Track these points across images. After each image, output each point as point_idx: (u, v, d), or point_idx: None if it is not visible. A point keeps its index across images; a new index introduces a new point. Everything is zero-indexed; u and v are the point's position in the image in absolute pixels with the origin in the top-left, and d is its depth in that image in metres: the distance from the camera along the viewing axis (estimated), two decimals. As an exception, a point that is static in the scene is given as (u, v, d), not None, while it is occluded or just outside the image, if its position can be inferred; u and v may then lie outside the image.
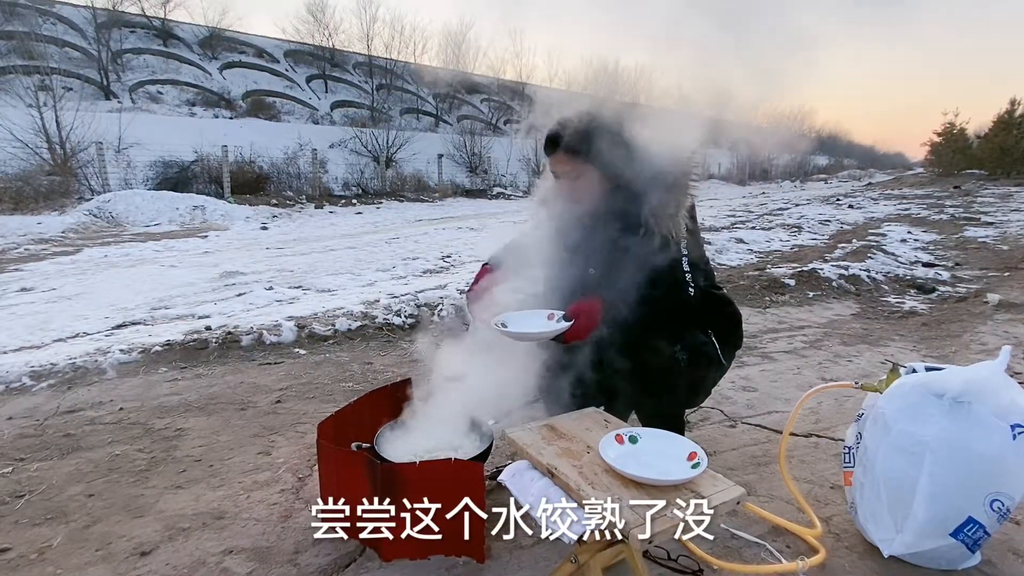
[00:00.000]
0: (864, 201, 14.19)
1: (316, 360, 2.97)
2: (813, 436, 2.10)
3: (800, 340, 3.30)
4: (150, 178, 12.55)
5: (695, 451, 1.20)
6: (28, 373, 2.66)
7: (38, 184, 10.47)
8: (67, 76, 16.54)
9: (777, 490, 1.71)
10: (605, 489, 1.12)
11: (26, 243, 7.30)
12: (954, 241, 7.07)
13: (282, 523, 1.58)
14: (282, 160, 14.69)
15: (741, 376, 2.69)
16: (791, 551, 1.44)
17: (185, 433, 2.14)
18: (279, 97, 22.38)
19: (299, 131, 17.21)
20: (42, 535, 1.54)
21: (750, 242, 6.83)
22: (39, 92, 11.67)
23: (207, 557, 1.44)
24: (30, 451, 2.01)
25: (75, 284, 4.95)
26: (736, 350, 1.69)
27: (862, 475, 1.42)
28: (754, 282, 4.52)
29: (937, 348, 3.15)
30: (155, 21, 21.84)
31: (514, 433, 1.36)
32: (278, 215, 11.10)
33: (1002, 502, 1.25)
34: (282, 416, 2.29)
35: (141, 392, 2.54)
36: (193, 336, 3.13)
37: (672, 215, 1.47)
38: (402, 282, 4.83)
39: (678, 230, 1.47)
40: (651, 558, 1.39)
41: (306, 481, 1.79)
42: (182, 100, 19.92)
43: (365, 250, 6.91)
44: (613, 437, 1.26)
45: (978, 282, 4.73)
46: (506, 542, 1.48)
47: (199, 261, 6.16)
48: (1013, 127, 21.62)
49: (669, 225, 1.46)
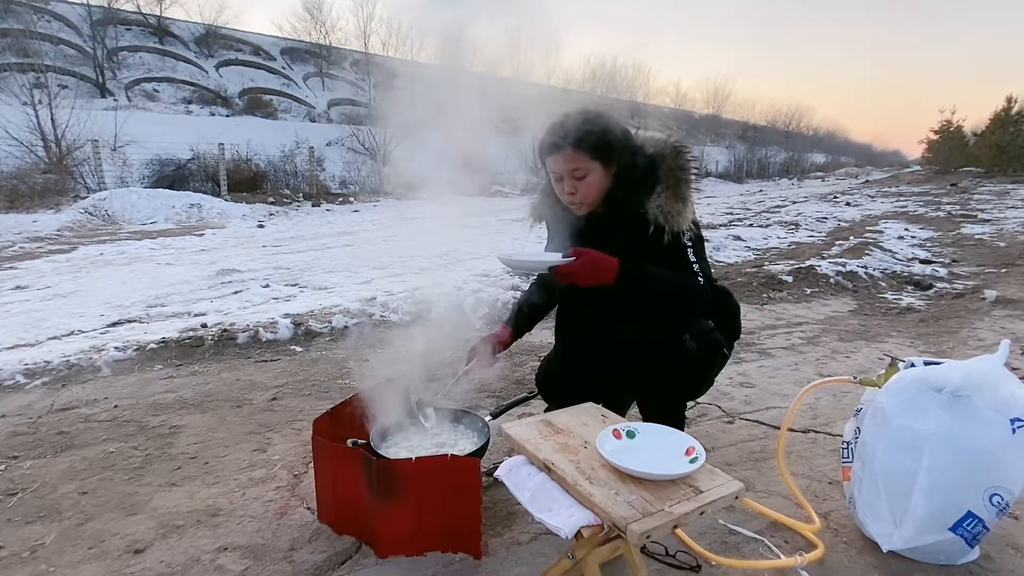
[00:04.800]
0: (861, 198, 14.22)
1: (312, 357, 2.96)
2: (811, 432, 2.09)
3: (798, 336, 3.29)
4: (146, 176, 12.50)
5: (693, 446, 1.19)
6: (22, 371, 2.64)
7: (33, 182, 10.41)
8: (62, 74, 16.46)
9: (775, 486, 1.71)
10: (603, 484, 1.11)
11: (21, 241, 7.26)
12: (951, 238, 7.08)
13: (277, 520, 1.57)
14: (279, 158, 14.64)
15: (739, 372, 2.69)
16: (789, 546, 1.43)
17: (180, 430, 2.13)
18: (276, 95, 22.30)
19: (296, 129, 17.14)
20: (35, 533, 1.52)
21: (748, 239, 6.83)
22: (34, 90, 11.60)
23: (201, 554, 1.43)
24: (23, 449, 1.99)
25: (70, 282, 4.92)
26: (734, 340, 1.69)
27: (861, 470, 1.41)
28: (752, 279, 4.52)
29: (935, 344, 3.15)
30: (151, 19, 21.74)
31: (511, 428, 1.35)
32: (275, 213, 11.06)
33: (1001, 496, 1.25)
34: (278, 413, 2.28)
35: (136, 389, 2.53)
36: (189, 333, 3.12)
37: (680, 211, 1.46)
38: (399, 279, 4.82)
39: (687, 223, 1.46)
40: (648, 554, 1.38)
41: (302, 478, 1.78)
42: (178, 98, 19.84)
43: (362, 248, 6.89)
44: (610, 432, 1.25)
45: (975, 278, 4.74)
46: (503, 538, 1.47)
47: (195, 259, 6.13)
48: (1010, 124, 21.70)
49: (678, 220, 1.45)
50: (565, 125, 1.47)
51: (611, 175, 1.50)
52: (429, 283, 4.30)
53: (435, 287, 4.04)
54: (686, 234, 1.47)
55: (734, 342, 1.70)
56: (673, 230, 1.44)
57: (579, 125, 1.46)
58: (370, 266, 5.54)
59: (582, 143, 1.45)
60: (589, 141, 1.45)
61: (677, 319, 1.52)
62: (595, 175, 1.48)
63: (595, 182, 1.49)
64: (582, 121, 1.47)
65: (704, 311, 1.55)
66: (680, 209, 1.45)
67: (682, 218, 1.45)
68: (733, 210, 11.59)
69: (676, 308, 1.51)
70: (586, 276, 1.39)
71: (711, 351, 1.56)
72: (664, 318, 1.51)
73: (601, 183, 1.50)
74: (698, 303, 1.50)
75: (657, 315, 1.50)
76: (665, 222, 1.44)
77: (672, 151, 1.51)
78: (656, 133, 1.57)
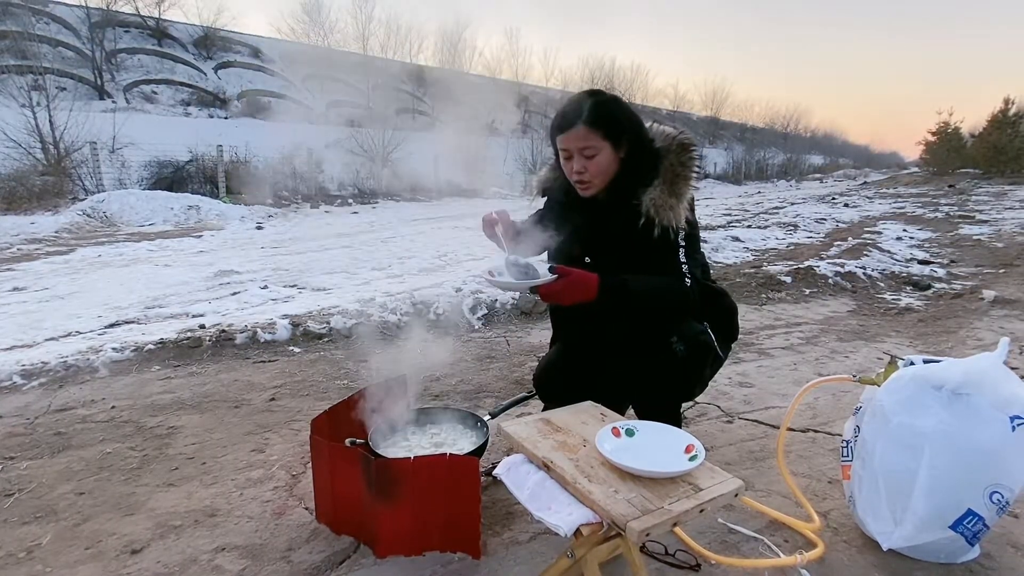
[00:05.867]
0: (859, 200, 14.24)
1: (311, 358, 2.95)
2: (810, 431, 2.09)
3: (797, 336, 3.29)
4: (145, 178, 12.48)
5: (692, 444, 1.19)
6: (19, 371, 2.63)
7: (31, 184, 10.40)
8: (61, 76, 16.46)
9: (775, 485, 1.70)
10: (602, 482, 1.11)
11: (19, 243, 7.25)
12: (949, 239, 7.08)
13: (275, 520, 1.56)
14: (278, 160, 14.64)
15: (738, 372, 2.68)
16: (789, 545, 1.43)
17: (178, 431, 2.12)
18: (274, 97, 22.31)
19: (295, 131, 17.14)
20: (31, 533, 1.51)
21: (746, 240, 6.83)
22: (32, 92, 11.60)
23: (199, 555, 1.42)
24: (20, 449, 1.98)
25: (68, 283, 4.91)
26: (732, 342, 1.69)
27: (860, 468, 1.41)
28: (750, 279, 4.52)
29: (933, 344, 3.15)
30: (149, 21, 21.73)
31: (510, 427, 1.35)
32: (274, 215, 11.06)
33: (1001, 494, 1.24)
34: (276, 414, 2.27)
35: (134, 390, 2.52)
36: (187, 334, 3.11)
37: (673, 206, 1.45)
38: (397, 280, 4.81)
39: (678, 221, 1.46)
40: (648, 553, 1.38)
41: (300, 478, 1.78)
42: (177, 100, 19.83)
43: (361, 249, 6.87)
44: (609, 430, 1.25)
45: (973, 279, 4.74)
46: (502, 537, 1.46)
47: (194, 260, 6.12)
48: (1007, 126, 21.73)
49: (670, 216, 1.44)
50: (580, 103, 1.48)
51: (619, 159, 1.51)
52: (428, 284, 4.29)
53: (434, 288, 4.03)
54: (679, 232, 1.47)
55: (732, 343, 1.69)
56: (663, 224, 1.44)
57: (594, 104, 1.47)
58: (368, 267, 5.53)
59: (596, 122, 1.46)
60: (603, 120, 1.47)
61: (664, 321, 1.51)
62: (604, 155, 1.49)
63: (604, 162, 1.49)
64: (597, 101, 1.48)
65: (692, 313, 1.54)
66: (672, 204, 1.45)
67: (674, 214, 1.45)
68: (731, 211, 11.60)
69: (661, 313, 1.50)
70: (567, 295, 1.40)
71: (700, 353, 1.54)
72: (651, 320, 1.50)
73: (610, 165, 1.50)
74: (684, 306, 1.50)
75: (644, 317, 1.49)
76: (656, 215, 1.44)
77: (678, 147, 1.51)
78: (668, 128, 1.57)
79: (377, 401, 1.69)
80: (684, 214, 1.47)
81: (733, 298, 1.71)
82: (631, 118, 1.52)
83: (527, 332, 3.40)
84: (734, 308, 1.68)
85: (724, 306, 1.65)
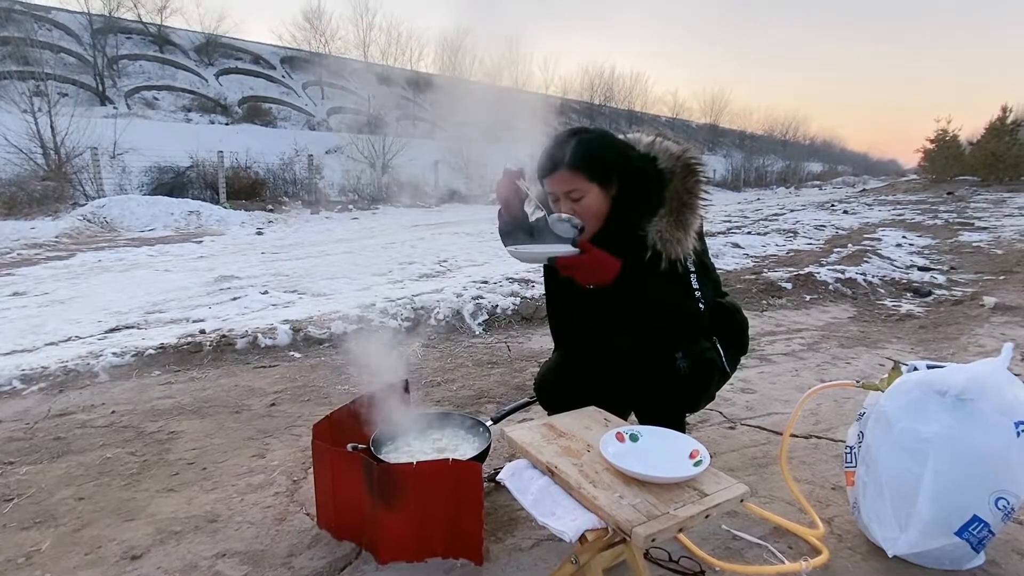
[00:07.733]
0: (859, 206, 14.26)
1: (311, 363, 2.94)
2: (813, 437, 2.08)
3: (798, 343, 3.29)
4: (145, 183, 12.51)
5: (697, 449, 1.18)
6: (18, 376, 2.62)
7: (32, 189, 10.41)
8: (62, 82, 16.54)
9: (778, 491, 1.70)
10: (606, 487, 1.10)
11: (19, 248, 7.25)
12: (948, 245, 7.09)
13: (276, 526, 1.55)
14: (278, 166, 14.67)
15: (740, 378, 2.68)
16: (793, 552, 1.42)
17: (178, 436, 2.11)
18: (275, 103, 22.39)
19: (295, 137, 17.20)
20: (30, 539, 1.50)
21: (746, 247, 6.84)
22: (34, 98, 11.64)
23: (199, 560, 1.41)
24: (19, 454, 1.97)
25: (68, 288, 4.90)
26: (741, 355, 1.66)
27: (865, 474, 1.40)
28: (751, 285, 4.52)
29: (935, 350, 3.15)
30: (151, 27, 21.86)
31: (513, 432, 1.34)
32: (274, 220, 11.07)
33: (1007, 500, 1.24)
34: (277, 419, 2.26)
35: (133, 395, 2.51)
36: (187, 339, 3.10)
37: (680, 239, 1.39)
38: (398, 286, 4.81)
39: (686, 253, 1.40)
40: (652, 559, 1.37)
41: (301, 484, 1.77)
42: (178, 106, 19.90)
43: (361, 255, 6.88)
44: (614, 435, 1.24)
45: (974, 285, 4.74)
46: (504, 544, 1.46)
47: (194, 265, 6.11)
48: (1005, 133, 21.80)
49: (677, 249, 1.39)
50: (562, 145, 1.41)
51: (610, 197, 1.44)
52: (429, 289, 4.29)
53: (435, 293, 4.03)
54: (688, 259, 1.41)
55: (741, 356, 1.67)
56: (671, 258, 1.39)
57: (576, 145, 1.40)
58: (369, 273, 5.53)
59: (579, 164, 1.39)
60: (586, 162, 1.39)
61: (670, 337, 1.47)
62: (592, 197, 1.41)
63: (593, 204, 1.42)
64: (579, 141, 1.40)
65: (700, 334, 1.51)
66: (680, 237, 1.39)
67: (681, 247, 1.39)
68: (731, 218, 11.62)
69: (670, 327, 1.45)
70: (586, 272, 1.35)
71: (704, 371, 1.50)
72: (657, 333, 1.46)
73: (600, 206, 1.43)
74: (693, 327, 1.46)
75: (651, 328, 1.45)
76: (663, 248, 1.39)
77: (683, 170, 1.44)
78: (673, 145, 1.49)
79: (378, 406, 1.69)
80: (692, 244, 1.41)
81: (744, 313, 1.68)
82: (621, 152, 1.44)
83: (528, 338, 3.40)
84: (745, 323, 1.64)
85: (736, 321, 1.62)
